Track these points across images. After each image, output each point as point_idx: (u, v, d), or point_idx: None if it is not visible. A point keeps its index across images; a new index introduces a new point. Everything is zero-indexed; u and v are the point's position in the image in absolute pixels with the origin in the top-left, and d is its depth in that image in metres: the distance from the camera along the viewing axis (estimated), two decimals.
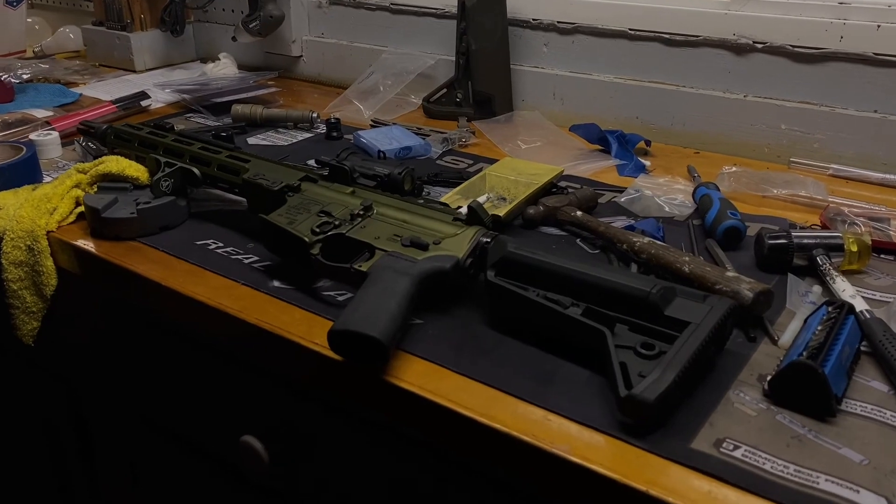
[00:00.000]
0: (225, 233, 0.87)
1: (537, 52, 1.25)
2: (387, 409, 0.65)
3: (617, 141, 1.10)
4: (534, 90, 1.27)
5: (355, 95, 1.30)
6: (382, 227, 0.75)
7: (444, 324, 0.69)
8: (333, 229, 0.75)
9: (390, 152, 1.08)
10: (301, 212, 0.78)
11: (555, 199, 0.89)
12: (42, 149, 1.09)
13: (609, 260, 0.80)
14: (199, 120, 1.28)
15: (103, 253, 0.84)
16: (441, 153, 1.12)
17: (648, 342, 0.60)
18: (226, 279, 0.78)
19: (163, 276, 0.79)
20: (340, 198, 0.80)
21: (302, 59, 1.53)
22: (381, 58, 1.38)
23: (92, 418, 1.04)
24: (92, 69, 1.57)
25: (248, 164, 0.87)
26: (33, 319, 0.90)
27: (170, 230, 0.88)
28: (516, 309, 0.67)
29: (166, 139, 0.93)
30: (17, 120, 1.20)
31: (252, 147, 1.15)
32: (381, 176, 0.84)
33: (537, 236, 0.86)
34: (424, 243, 0.71)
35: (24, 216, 0.88)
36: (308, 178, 0.84)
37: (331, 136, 1.18)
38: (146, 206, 0.86)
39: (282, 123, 1.23)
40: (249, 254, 0.83)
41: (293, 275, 0.77)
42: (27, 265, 0.88)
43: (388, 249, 0.72)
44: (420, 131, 1.19)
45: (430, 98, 1.30)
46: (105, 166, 0.91)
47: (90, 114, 1.23)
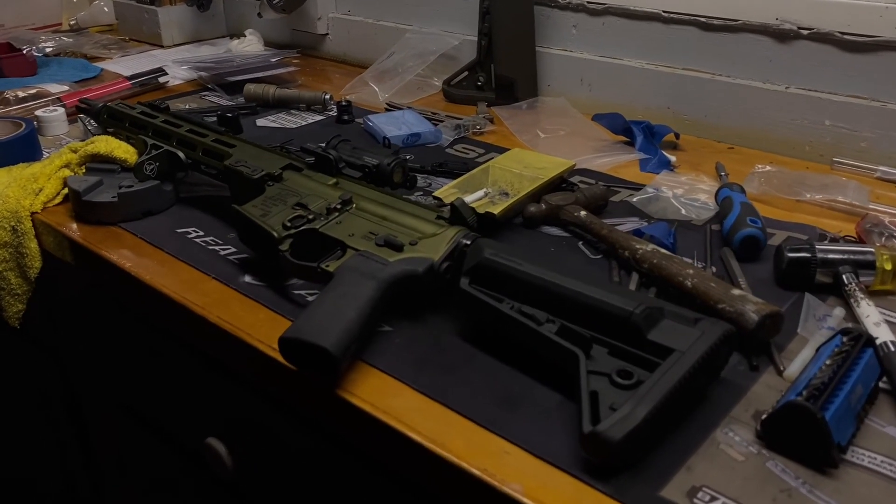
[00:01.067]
0: (208, 221, 0.83)
1: (565, 33, 1.17)
2: (337, 423, 0.60)
3: (642, 133, 1.01)
4: (560, 75, 1.19)
5: (373, 77, 1.24)
6: (359, 224, 0.70)
7: (413, 333, 0.64)
8: (306, 224, 0.70)
9: (396, 139, 1.02)
10: (277, 203, 0.73)
11: (559, 197, 0.82)
12: (47, 125, 1.07)
13: (610, 268, 0.73)
14: (214, 99, 1.24)
15: (81, 238, 0.81)
16: (452, 141, 1.05)
17: (626, 369, 0.53)
18: (197, 271, 0.74)
19: (134, 266, 0.76)
20: (321, 189, 0.75)
21: (328, 37, 1.48)
22: (404, 37, 1.32)
23: (82, 396, 1.03)
24: (120, 43, 1.55)
25: (232, 150, 0.82)
26: (18, 302, 0.88)
27: (153, 216, 0.84)
28: (488, 321, 0.61)
29: (156, 120, 0.89)
30: (31, 94, 1.19)
31: (259, 129, 1.11)
32: (368, 167, 0.78)
33: (536, 237, 0.80)
34: (399, 244, 0.66)
35: (10, 196, 0.85)
36: (292, 166, 0.79)
37: (342, 120, 1.13)
38: (128, 190, 0.82)
39: (294, 105, 1.19)
40: (228, 245, 0.78)
41: (266, 270, 0.73)
42: (11, 246, 0.86)
43: (361, 248, 0.66)
44: (434, 117, 1.12)
45: (451, 81, 1.23)
46: (94, 147, 0.88)
47: (103, 90, 1.21)
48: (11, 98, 1.17)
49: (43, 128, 1.07)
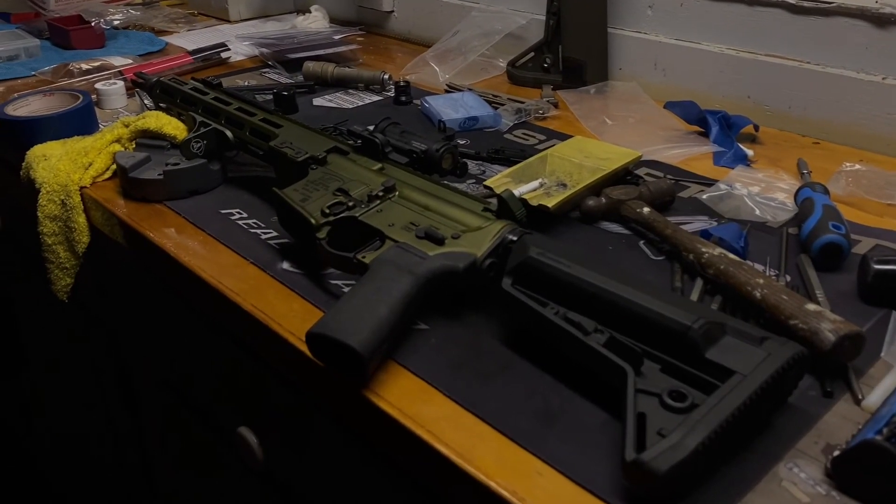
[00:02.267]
0: (253, 203, 0.81)
1: (640, 14, 1.10)
2: (363, 424, 0.56)
3: (718, 123, 0.94)
4: (633, 58, 1.11)
5: (434, 57, 1.20)
6: (400, 213, 0.66)
7: (450, 333, 0.60)
8: (346, 211, 0.67)
9: (452, 122, 0.98)
10: (318, 188, 0.70)
11: (621, 191, 0.76)
12: (105, 98, 1.07)
13: (672, 271, 0.67)
14: (273, 76, 1.22)
15: (126, 215, 0.80)
16: (512, 126, 1.00)
17: (680, 390, 0.48)
18: (236, 255, 0.72)
19: (174, 246, 0.74)
20: (364, 175, 0.71)
21: (393, 15, 1.44)
22: (469, 16, 1.26)
23: (130, 368, 1.03)
24: (188, 17, 1.55)
25: (279, 130, 0.79)
26: (67, 276, 0.88)
27: (199, 195, 0.83)
28: (530, 326, 0.56)
29: (206, 97, 0.87)
30: (95, 67, 1.19)
31: (315, 108, 1.08)
32: (416, 152, 0.74)
33: (594, 233, 0.74)
34: (440, 237, 0.61)
35: (61, 169, 0.85)
36: (338, 149, 0.76)
37: (399, 101, 1.09)
38: (174, 168, 0.81)
39: (352, 84, 1.16)
40: (270, 229, 0.76)
41: (305, 257, 0.70)
42: (61, 220, 0.86)
43: (399, 240, 0.62)
44: (495, 100, 1.07)
45: (516, 62, 1.17)
46: (144, 122, 0.87)
47: (165, 65, 1.20)
48: (75, 70, 1.18)
49: (102, 101, 1.07)
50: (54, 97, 1.01)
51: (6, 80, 1.21)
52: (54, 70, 1.20)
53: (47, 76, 1.20)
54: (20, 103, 0.99)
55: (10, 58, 1.30)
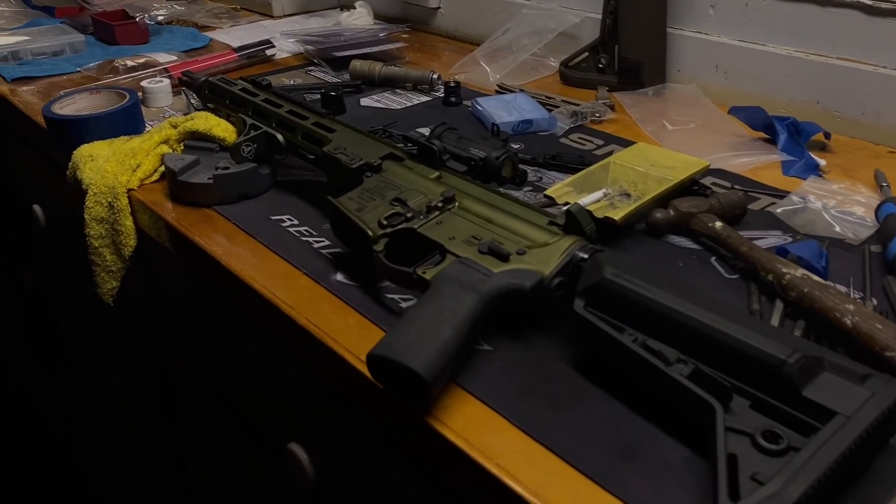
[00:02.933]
0: (304, 209, 0.79)
1: (702, 14, 1.05)
2: (425, 453, 0.54)
3: (787, 130, 0.89)
4: (693, 60, 1.07)
5: (484, 56, 1.16)
6: (461, 226, 0.63)
7: (515, 354, 0.56)
8: (404, 222, 0.64)
9: (506, 125, 0.94)
10: (375, 197, 0.67)
11: (690, 203, 0.72)
12: (151, 97, 1.06)
13: (748, 291, 0.63)
14: (319, 74, 1.20)
15: (175, 220, 0.78)
16: (568, 129, 0.96)
17: (774, 430, 0.44)
18: (288, 265, 0.69)
19: (225, 254, 0.71)
20: (422, 184, 0.68)
21: (440, 12, 1.41)
22: (520, 13, 1.23)
23: (172, 370, 1.01)
24: (231, 13, 1.54)
25: (332, 135, 0.77)
26: (113, 279, 0.87)
27: (249, 199, 0.80)
28: (605, 352, 0.53)
29: (256, 98, 0.85)
30: (140, 64, 1.18)
31: (363, 109, 1.06)
32: (474, 160, 0.71)
33: (662, 248, 0.70)
34: (504, 252, 0.58)
35: (108, 171, 0.83)
36: (393, 156, 0.73)
37: (448, 102, 1.06)
38: (224, 172, 0.78)
39: (400, 84, 1.13)
40: (322, 237, 0.73)
41: (360, 269, 0.67)
42: (108, 223, 0.84)
43: (461, 255, 0.59)
44: (548, 101, 1.03)
45: (569, 62, 1.13)
46: (193, 123, 0.85)
47: (210, 62, 1.19)
48: (120, 67, 1.17)
49: (147, 99, 1.06)
50: (101, 95, 0.99)
51: (52, 77, 1.20)
52: (99, 66, 1.18)
53: (92, 72, 1.19)
54: (66, 101, 0.98)
55: (55, 53, 1.29)
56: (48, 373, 1.56)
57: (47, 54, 1.28)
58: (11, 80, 1.18)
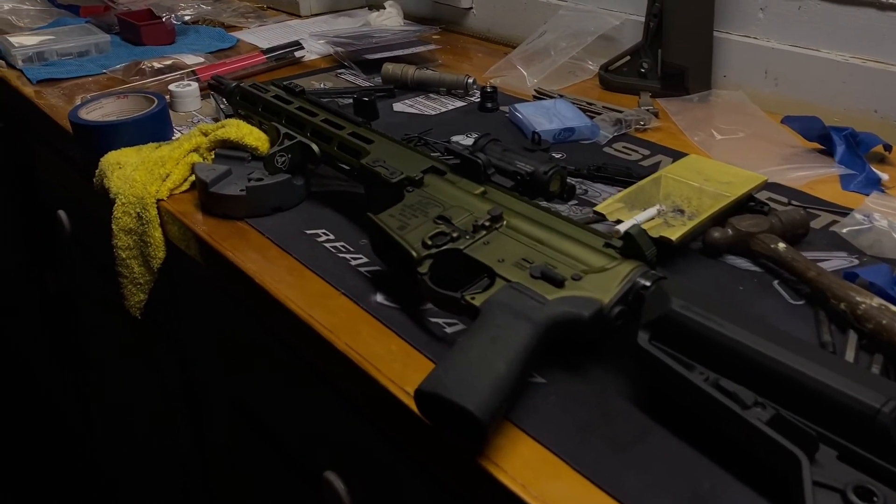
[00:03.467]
0: (340, 222, 0.75)
1: (751, 17, 1.01)
2: (475, 496, 0.50)
3: (845, 141, 0.85)
4: (740, 65, 1.03)
5: (520, 59, 1.13)
6: (510, 247, 0.59)
7: (571, 388, 0.53)
8: (449, 242, 0.60)
9: (547, 134, 0.90)
10: (417, 214, 0.64)
11: (750, 222, 0.68)
12: (179, 101, 1.03)
13: (817, 320, 0.59)
14: (349, 77, 1.16)
15: (206, 232, 0.75)
16: (611, 138, 0.92)
17: (868, 487, 0.40)
18: (326, 284, 0.66)
19: (259, 271, 0.68)
20: (467, 200, 0.65)
21: (472, 12, 1.37)
22: (557, 14, 1.19)
23: (198, 385, 0.99)
24: (258, 12, 1.51)
25: (370, 146, 0.73)
26: (140, 291, 0.84)
27: (282, 212, 0.77)
28: (673, 391, 0.49)
29: (290, 106, 0.81)
30: (167, 66, 1.15)
31: (396, 115, 1.02)
32: (521, 174, 0.67)
33: (720, 269, 0.66)
34: (559, 278, 0.55)
35: (137, 180, 0.80)
36: (434, 169, 0.69)
37: (484, 108, 1.02)
38: (257, 183, 0.75)
39: (433, 88, 1.09)
40: (359, 253, 0.70)
41: (400, 289, 0.64)
42: (136, 234, 0.81)
43: (512, 279, 0.56)
44: (589, 108, 0.99)
45: (609, 66, 1.09)
46: (224, 131, 0.82)
47: (238, 64, 1.16)
48: (147, 69, 1.14)
49: (175, 103, 1.03)
50: (128, 100, 0.97)
51: (77, 78, 1.18)
52: (126, 68, 1.16)
53: (118, 74, 1.16)
54: (93, 106, 0.95)
55: (80, 54, 1.26)
56: (68, 373, 1.55)
57: (72, 55, 1.26)
58: (37, 82, 1.15)
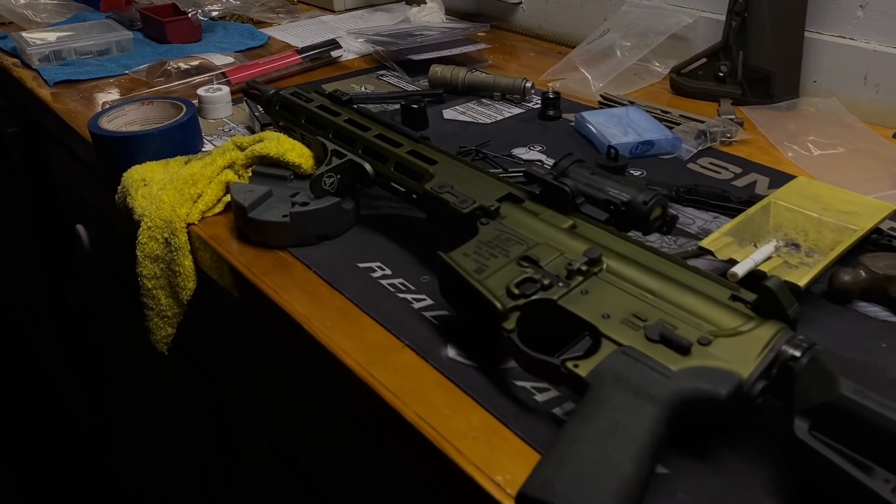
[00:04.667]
0: (396, 253, 0.66)
1: (848, 15, 0.90)
2: None
3: None
4: (834, 69, 0.92)
5: (583, 60, 1.02)
6: (615, 298, 0.49)
7: (701, 482, 0.43)
8: (540, 291, 0.50)
9: (623, 147, 0.80)
10: (496, 253, 0.54)
11: (886, 262, 0.57)
12: (209, 107, 0.93)
13: None
14: (392, 80, 1.06)
15: (243, 265, 0.65)
16: (695, 153, 0.82)
17: None
18: (386, 332, 0.56)
19: (308, 314, 0.59)
20: (555, 236, 0.55)
21: (521, 7, 1.27)
22: (619, 11, 1.08)
23: (232, 424, 0.90)
24: (287, 7, 1.41)
25: (433, 167, 0.63)
26: (168, 325, 0.75)
27: (329, 240, 0.68)
28: (843, 495, 0.39)
29: (339, 119, 0.72)
30: (194, 67, 1.06)
31: (447, 123, 0.92)
32: (615, 203, 0.57)
33: (852, 318, 0.56)
34: (685, 343, 0.45)
35: (165, 201, 0.71)
36: (511, 196, 0.59)
37: (546, 115, 0.92)
38: (303, 209, 0.66)
39: (486, 93, 0.99)
40: (422, 293, 0.60)
41: (475, 340, 0.54)
42: (163, 262, 0.72)
43: (623, 342, 0.46)
44: (664, 116, 0.89)
45: (682, 69, 0.99)
46: (263, 146, 0.72)
47: (272, 65, 1.06)
48: (173, 70, 1.05)
49: (204, 109, 0.93)
50: (153, 106, 0.88)
51: (97, 79, 1.09)
52: (150, 69, 1.07)
53: (142, 75, 1.07)
54: (115, 114, 0.86)
55: (100, 52, 1.17)
56: (87, 389, 1.47)
57: (92, 53, 1.17)
58: (54, 85, 1.06)
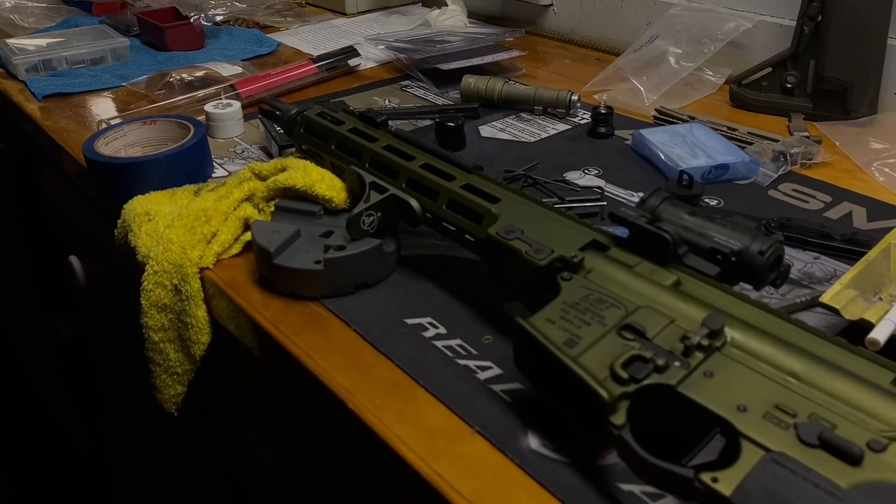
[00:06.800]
0: (449, 304, 0.56)
1: None
2: None
3: None
4: None
5: (631, 68, 0.92)
6: (749, 383, 0.39)
7: None
8: (654, 373, 0.40)
9: (695, 172, 0.70)
10: (589, 319, 0.44)
11: None
12: (218, 125, 0.83)
13: None
14: (418, 92, 0.96)
15: (269, 322, 0.55)
16: (775, 177, 0.72)
17: None
18: (450, 413, 0.46)
19: (351, 389, 0.49)
20: (658, 296, 0.45)
21: (552, 10, 1.17)
22: (666, 14, 0.98)
23: (245, 476, 0.80)
24: (296, 10, 1.31)
25: (496, 206, 0.53)
26: (177, 383, 0.65)
27: (369, 287, 0.58)
28: None
29: (376, 145, 0.61)
30: (199, 78, 0.95)
31: (486, 142, 0.82)
32: (723, 252, 0.47)
33: None
34: (856, 452, 0.35)
35: (174, 241, 0.61)
36: (596, 243, 0.49)
37: (596, 132, 0.82)
38: (339, 254, 0.56)
39: (526, 106, 0.89)
40: (487, 359, 0.50)
41: (561, 425, 0.44)
42: (173, 312, 0.62)
43: (772, 447, 0.36)
44: (733, 134, 0.79)
45: (743, 79, 0.89)
46: (288, 177, 0.62)
47: (286, 75, 0.96)
48: (175, 82, 0.94)
49: (212, 128, 0.83)
50: (156, 126, 0.77)
51: (89, 92, 0.99)
52: (149, 80, 0.96)
53: (140, 88, 0.97)
54: (113, 135, 0.76)
55: (94, 61, 1.07)
56: (86, 424, 1.37)
57: (85, 63, 1.06)
58: (43, 98, 0.96)
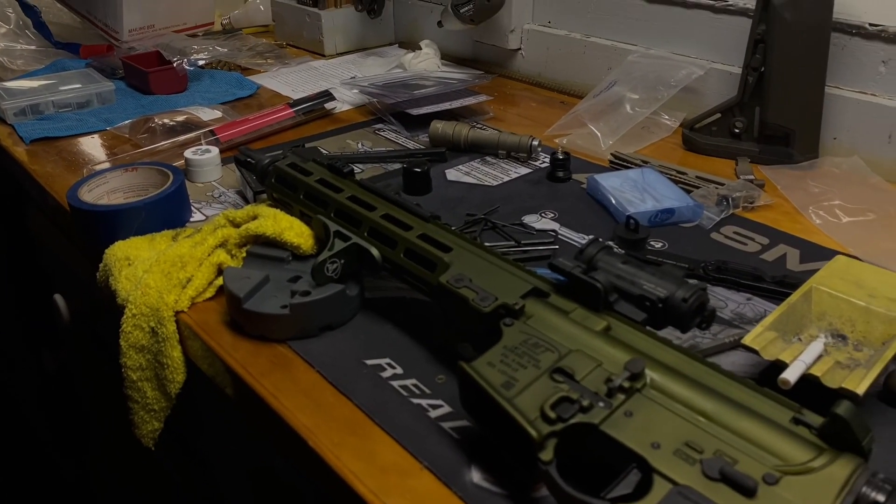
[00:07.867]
0: (406, 346, 0.60)
1: (869, 71, 0.86)
2: None
3: None
4: (855, 126, 0.88)
5: (590, 114, 0.98)
6: (664, 422, 0.44)
7: None
8: (579, 413, 0.45)
9: (643, 216, 0.75)
10: (525, 363, 0.48)
11: None
12: (197, 170, 0.88)
13: None
14: (390, 135, 1.01)
15: (238, 364, 0.59)
16: (717, 221, 0.77)
17: None
18: (402, 450, 0.50)
19: (313, 427, 0.53)
20: (588, 341, 0.49)
21: (520, 54, 1.23)
22: (625, 61, 1.04)
23: None
24: (277, 51, 1.36)
25: (448, 255, 0.58)
26: (154, 419, 0.68)
27: (333, 330, 0.62)
28: None
29: (341, 196, 0.66)
30: (180, 123, 1.00)
31: (452, 186, 0.87)
32: (650, 299, 0.52)
33: None
34: (750, 484, 0.39)
35: (151, 286, 0.65)
36: (536, 291, 0.54)
37: (555, 177, 0.87)
38: (304, 299, 0.60)
39: (491, 150, 0.94)
40: (438, 398, 0.55)
41: (502, 461, 0.49)
42: (150, 352, 0.66)
43: (679, 480, 0.40)
44: (680, 178, 0.84)
45: (695, 124, 0.94)
46: (259, 225, 0.67)
47: (263, 120, 1.01)
48: (157, 127, 0.99)
49: (192, 173, 0.88)
50: (137, 173, 0.82)
51: (75, 136, 1.03)
52: (133, 125, 1.01)
53: (124, 132, 1.01)
54: (96, 181, 0.80)
55: (80, 105, 1.12)
56: (70, 458, 1.39)
57: (72, 106, 1.11)
58: (31, 142, 1.00)
